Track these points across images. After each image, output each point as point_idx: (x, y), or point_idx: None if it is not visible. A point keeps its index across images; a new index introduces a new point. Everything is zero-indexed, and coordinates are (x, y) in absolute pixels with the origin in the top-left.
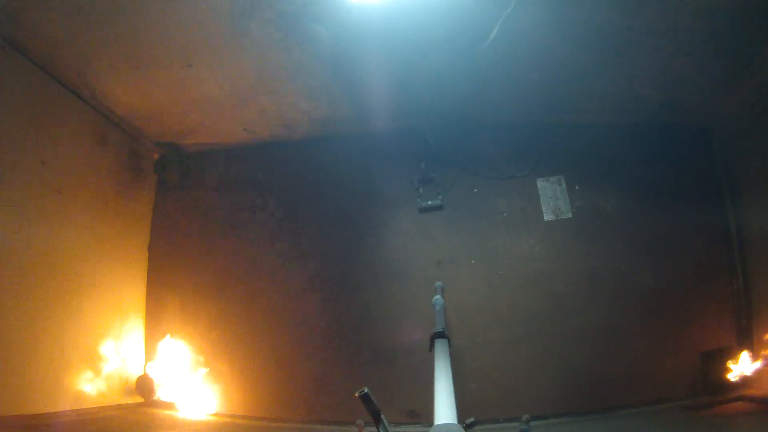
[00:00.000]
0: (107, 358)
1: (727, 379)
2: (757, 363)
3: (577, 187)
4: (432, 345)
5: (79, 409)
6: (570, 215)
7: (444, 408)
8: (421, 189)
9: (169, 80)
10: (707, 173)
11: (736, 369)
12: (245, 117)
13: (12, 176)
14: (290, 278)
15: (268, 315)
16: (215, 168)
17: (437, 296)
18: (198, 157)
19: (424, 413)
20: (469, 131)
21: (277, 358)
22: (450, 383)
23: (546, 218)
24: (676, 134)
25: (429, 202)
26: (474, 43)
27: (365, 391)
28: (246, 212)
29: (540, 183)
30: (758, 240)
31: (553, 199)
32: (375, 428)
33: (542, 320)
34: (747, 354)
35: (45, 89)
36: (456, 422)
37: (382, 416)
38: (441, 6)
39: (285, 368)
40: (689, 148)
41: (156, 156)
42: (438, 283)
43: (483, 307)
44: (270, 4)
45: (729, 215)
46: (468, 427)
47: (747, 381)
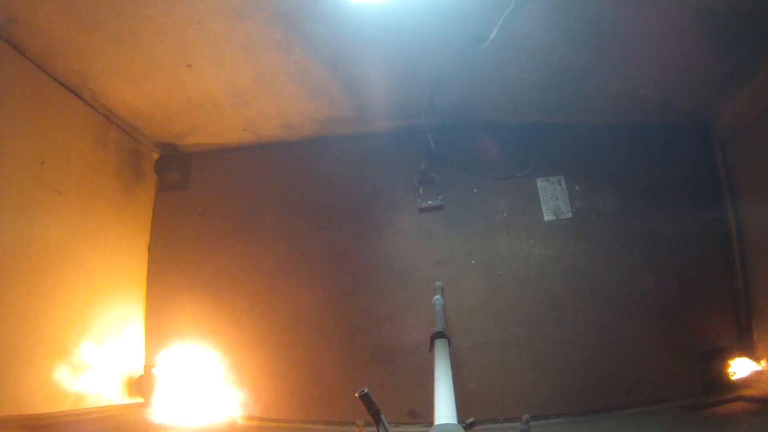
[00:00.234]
0: (107, 358)
1: (727, 379)
2: (757, 363)
3: (577, 187)
4: (432, 345)
5: (79, 409)
6: (570, 215)
7: (444, 408)
8: (421, 189)
9: (169, 80)
10: (707, 173)
11: (736, 369)
12: (245, 117)
13: (12, 176)
14: (290, 278)
15: (268, 315)
16: (215, 168)
17: (437, 296)
18: (198, 157)
19: (424, 413)
20: (469, 131)
21: (277, 358)
22: (450, 383)
23: (546, 218)
24: (676, 134)
25: (429, 202)
26: (474, 43)
27: (365, 391)
28: (246, 212)
29: (540, 183)
30: (758, 240)
31: (553, 199)
32: (375, 428)
33: (542, 320)
34: (747, 354)
35: (45, 89)
36: (456, 422)
37: (382, 416)
38: (441, 6)
39: (285, 368)
40: (689, 148)
41: (156, 156)
42: (438, 283)
43: (483, 307)
44: (270, 4)
45: (729, 215)
46: (468, 427)
47: (747, 381)
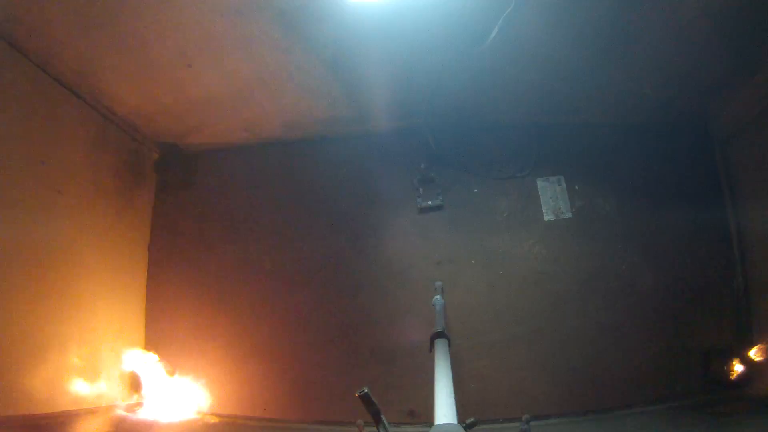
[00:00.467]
0: (107, 358)
1: (728, 379)
2: (758, 362)
3: (577, 187)
4: (432, 345)
5: (79, 409)
6: (570, 215)
7: (444, 408)
8: (421, 189)
9: (169, 80)
10: (707, 173)
11: (737, 368)
12: (245, 117)
13: (12, 176)
14: (290, 278)
15: (268, 314)
16: (215, 168)
17: (437, 296)
18: (198, 157)
19: (424, 413)
20: (469, 131)
21: (277, 358)
22: (450, 383)
23: (546, 218)
24: (676, 134)
25: (429, 202)
26: (474, 43)
27: (365, 391)
28: (246, 212)
29: (540, 183)
30: (758, 240)
31: (553, 199)
32: (375, 428)
33: (542, 320)
34: (747, 353)
35: (45, 89)
36: (456, 422)
37: (382, 416)
38: (441, 6)
39: (285, 368)
40: (689, 148)
41: (156, 156)
42: (438, 283)
43: (483, 307)
44: (270, 4)
45: (729, 215)
46: (468, 427)
47: (747, 380)
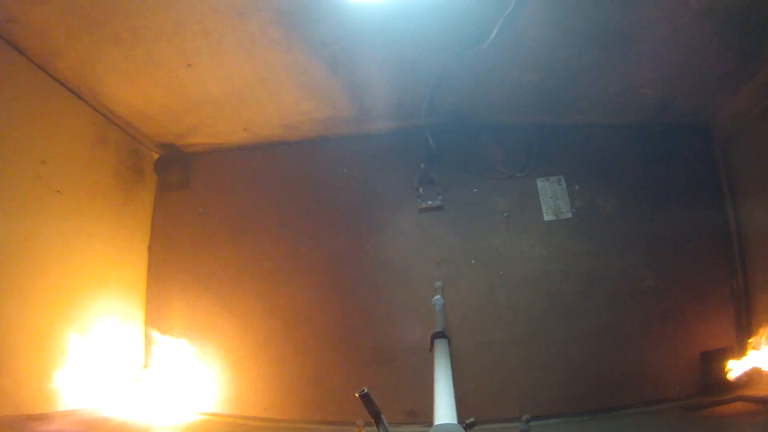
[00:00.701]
0: (107, 358)
1: (727, 379)
2: (757, 363)
3: (577, 187)
4: (432, 345)
5: (79, 409)
6: (570, 215)
7: (444, 408)
8: (421, 189)
9: (169, 80)
10: (707, 173)
11: (736, 369)
12: (245, 117)
13: (12, 176)
14: (290, 278)
15: (268, 315)
16: (215, 168)
17: (437, 296)
18: (198, 157)
19: (424, 413)
20: (469, 131)
21: (277, 358)
22: (450, 383)
23: (546, 218)
24: (676, 134)
25: (429, 203)
26: (474, 43)
27: (365, 391)
28: (246, 212)
29: (540, 183)
30: (758, 240)
31: (553, 199)
32: (375, 428)
33: (542, 320)
34: (747, 354)
35: (45, 89)
36: (456, 422)
37: (382, 416)
38: (441, 6)
39: (285, 368)
40: (689, 148)
41: (156, 156)
42: (438, 283)
43: (483, 307)
44: (270, 4)
45: (729, 215)
46: (468, 427)
47: (747, 381)
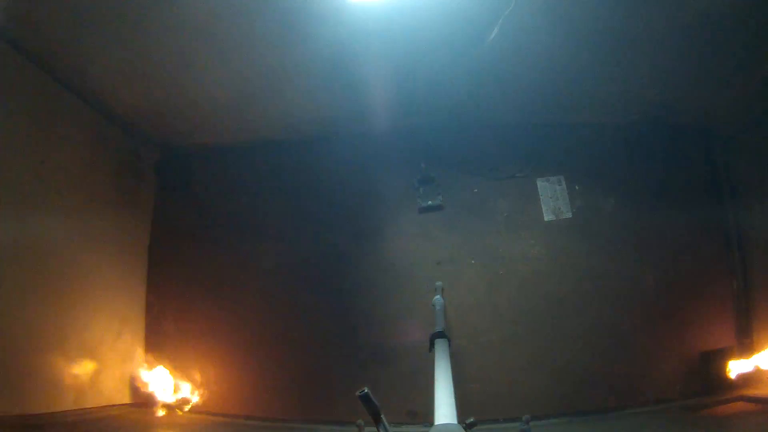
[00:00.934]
0: (107, 358)
1: (728, 379)
2: (757, 363)
3: (577, 187)
4: (432, 345)
5: (79, 409)
6: (570, 215)
7: (444, 408)
8: (421, 189)
9: (169, 80)
10: (707, 173)
11: (736, 369)
12: (245, 117)
13: (12, 176)
14: (290, 278)
15: (268, 315)
16: (215, 168)
17: (437, 296)
18: (198, 157)
19: (424, 413)
20: (469, 131)
21: (277, 358)
22: (450, 383)
23: (546, 218)
24: (676, 134)
25: (429, 202)
26: (474, 43)
27: (365, 391)
28: (246, 212)
29: (540, 183)
30: (758, 240)
31: (553, 199)
32: (375, 428)
33: (542, 320)
34: (747, 354)
35: (45, 89)
36: (456, 422)
37: (382, 416)
38: (441, 6)
39: (285, 368)
40: (689, 148)
41: (156, 156)
42: (438, 283)
43: (483, 307)
44: (270, 4)
45: (729, 215)
46: (468, 427)
47: (747, 381)
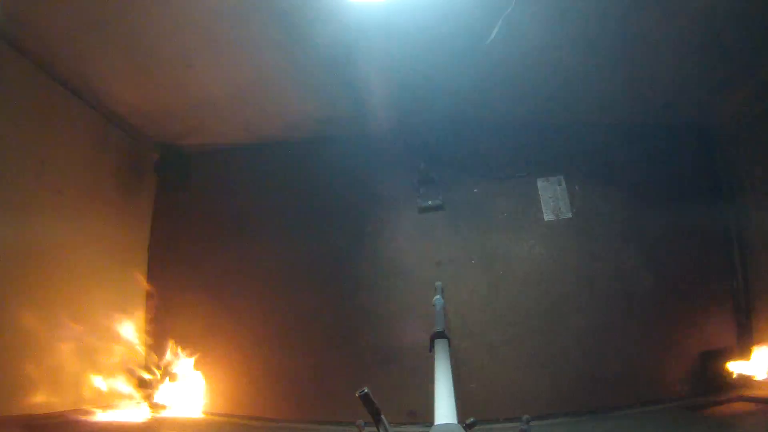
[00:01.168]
0: (107, 358)
1: (727, 379)
2: (757, 363)
3: (577, 187)
4: (432, 345)
5: (79, 409)
6: (570, 215)
7: (444, 408)
8: (421, 189)
9: (169, 80)
10: (707, 173)
11: (736, 369)
12: (245, 117)
13: (12, 176)
14: (290, 278)
15: (268, 315)
16: (215, 168)
17: (437, 296)
18: (198, 157)
19: (424, 413)
20: (469, 131)
21: (277, 358)
22: (450, 383)
23: (546, 218)
24: (676, 134)
25: (429, 202)
26: (474, 43)
27: (365, 391)
28: (246, 212)
29: (540, 183)
30: (758, 240)
31: (553, 199)
32: (375, 428)
33: (542, 320)
34: (747, 354)
35: (45, 90)
36: (456, 422)
37: (382, 416)
38: (441, 6)
39: (285, 368)
40: (689, 148)
41: (156, 156)
42: (438, 283)
43: (483, 307)
44: (270, 4)
45: (729, 215)
46: (468, 427)
47: (747, 381)
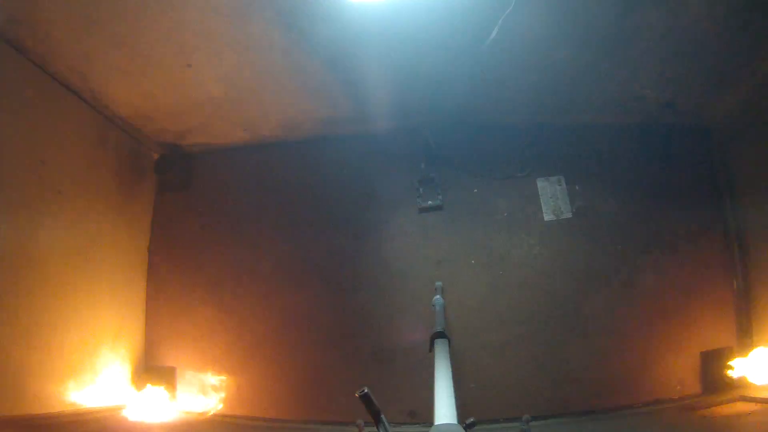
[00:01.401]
0: (107, 359)
1: (728, 379)
2: (757, 363)
3: (577, 187)
4: (432, 345)
5: (79, 410)
6: (570, 215)
7: (444, 408)
8: (421, 189)
9: (169, 80)
10: (707, 173)
11: (737, 369)
12: (245, 117)
13: (12, 176)
14: (290, 278)
15: (268, 315)
16: (215, 168)
17: (437, 296)
18: (198, 157)
19: (424, 413)
20: (469, 131)
21: (277, 358)
22: (450, 383)
23: (546, 218)
24: (676, 134)
25: (429, 202)
26: (474, 43)
27: (365, 391)
28: (246, 212)
29: (540, 183)
30: (758, 240)
31: (553, 199)
32: (375, 428)
33: (542, 320)
34: (747, 354)
35: (45, 89)
36: (456, 422)
37: (382, 416)
38: (441, 6)
39: (285, 368)
40: (689, 148)
41: (156, 156)
42: (438, 283)
43: (483, 307)
44: (270, 4)
45: (728, 215)
46: (468, 427)
47: (747, 381)
